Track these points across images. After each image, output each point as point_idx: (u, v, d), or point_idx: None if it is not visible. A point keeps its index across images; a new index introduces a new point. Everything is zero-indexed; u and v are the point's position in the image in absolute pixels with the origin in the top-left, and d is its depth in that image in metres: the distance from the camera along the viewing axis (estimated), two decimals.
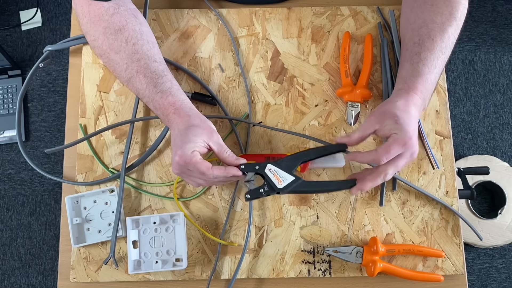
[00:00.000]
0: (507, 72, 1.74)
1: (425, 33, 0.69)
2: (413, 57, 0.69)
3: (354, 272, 0.74)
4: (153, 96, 0.68)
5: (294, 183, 0.66)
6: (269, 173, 0.66)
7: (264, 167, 0.66)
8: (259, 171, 0.66)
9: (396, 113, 0.64)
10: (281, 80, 0.81)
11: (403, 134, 0.62)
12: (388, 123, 0.64)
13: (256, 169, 0.66)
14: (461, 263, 0.74)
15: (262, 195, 0.66)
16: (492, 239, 1.52)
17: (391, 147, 0.62)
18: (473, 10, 1.79)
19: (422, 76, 0.67)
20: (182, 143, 0.64)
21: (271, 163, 0.67)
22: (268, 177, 0.66)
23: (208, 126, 0.67)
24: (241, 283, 0.74)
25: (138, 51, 0.68)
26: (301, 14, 0.84)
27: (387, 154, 0.62)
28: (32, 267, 1.61)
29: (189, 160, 0.63)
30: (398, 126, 0.63)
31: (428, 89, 0.68)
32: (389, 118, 0.64)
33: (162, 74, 0.69)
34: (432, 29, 0.69)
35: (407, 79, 0.68)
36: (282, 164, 0.67)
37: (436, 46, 0.68)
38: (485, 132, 1.69)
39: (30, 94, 1.74)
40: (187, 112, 0.67)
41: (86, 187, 0.77)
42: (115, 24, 0.68)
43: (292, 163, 0.67)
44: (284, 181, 0.66)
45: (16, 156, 1.69)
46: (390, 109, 0.65)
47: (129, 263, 0.71)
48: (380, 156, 0.63)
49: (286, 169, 0.67)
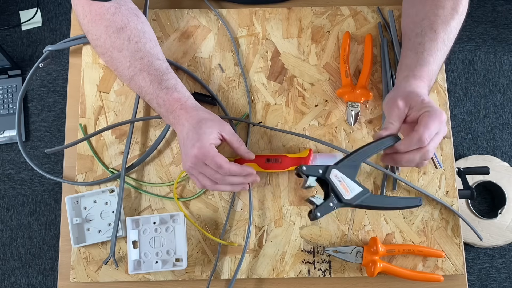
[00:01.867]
0: (507, 72, 1.74)
1: (427, 25, 0.69)
2: (417, 46, 0.68)
3: (354, 272, 0.74)
4: (157, 93, 0.68)
5: (363, 195, 0.58)
6: (336, 180, 0.57)
7: (329, 171, 0.57)
8: (323, 176, 0.57)
9: (419, 93, 0.62)
10: (281, 80, 0.81)
11: (436, 110, 0.60)
12: (415, 104, 0.61)
13: (319, 173, 0.58)
14: (461, 263, 0.74)
15: (332, 209, 0.56)
16: (492, 239, 1.52)
17: (429, 124, 0.59)
18: (473, 10, 1.79)
19: (427, 66, 0.66)
20: (198, 136, 0.64)
21: (336, 167, 0.58)
22: (334, 185, 0.57)
23: (218, 117, 0.68)
24: (241, 283, 0.74)
25: (141, 49, 0.69)
26: (301, 14, 0.84)
27: (428, 131, 0.59)
28: (32, 267, 1.61)
29: (208, 152, 0.63)
30: (427, 103, 0.61)
31: (431, 78, 0.67)
32: (414, 99, 0.62)
33: (166, 72, 0.69)
34: (434, 21, 0.69)
35: (412, 67, 0.67)
36: (344, 167, 0.58)
37: (439, 38, 0.68)
38: (485, 132, 1.69)
39: (30, 94, 1.74)
40: (193, 107, 0.67)
41: (86, 187, 0.77)
42: (117, 23, 0.68)
43: (353, 167, 0.59)
44: (352, 192, 0.57)
45: (16, 156, 1.69)
46: (411, 91, 0.63)
47: (129, 263, 0.71)
48: (423, 135, 0.59)
49: (350, 176, 0.58)
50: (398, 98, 0.63)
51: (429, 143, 0.60)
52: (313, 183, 0.58)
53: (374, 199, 0.59)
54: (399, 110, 0.62)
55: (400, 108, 0.62)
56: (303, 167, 0.58)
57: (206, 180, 0.66)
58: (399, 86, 0.66)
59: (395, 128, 0.62)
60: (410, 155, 0.61)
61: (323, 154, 0.77)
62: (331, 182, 0.57)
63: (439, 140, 0.61)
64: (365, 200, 0.58)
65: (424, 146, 0.60)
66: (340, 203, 0.57)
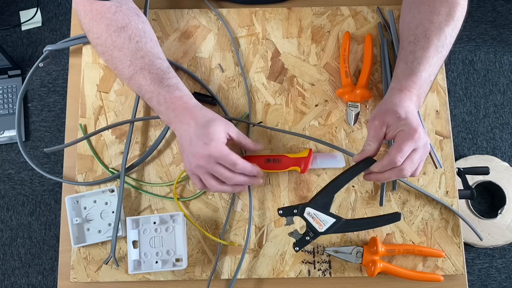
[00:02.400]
0: (507, 72, 1.74)
1: (421, 33, 0.69)
2: (408, 56, 0.69)
3: (354, 272, 0.74)
4: (158, 91, 0.68)
5: (336, 225, 0.66)
6: (309, 218, 0.66)
7: (303, 210, 0.66)
8: (298, 215, 0.67)
9: (395, 110, 0.63)
10: (281, 80, 0.81)
11: (409, 128, 0.61)
12: (391, 122, 0.63)
13: (294, 213, 0.67)
14: (461, 263, 0.74)
15: (309, 242, 0.67)
16: (492, 239, 1.52)
17: (402, 145, 0.61)
18: (473, 10, 1.79)
19: (415, 74, 0.67)
20: (210, 135, 0.64)
21: (309, 206, 0.66)
22: (308, 222, 0.66)
23: (222, 117, 0.68)
24: (241, 283, 0.74)
25: (142, 48, 0.69)
26: (301, 14, 0.84)
27: (400, 153, 0.61)
28: (32, 267, 1.61)
29: (223, 151, 0.64)
30: (402, 122, 0.62)
31: (422, 86, 0.67)
32: (391, 117, 0.63)
33: (168, 71, 0.70)
34: (428, 28, 0.69)
35: (400, 77, 0.68)
36: (318, 203, 0.66)
37: (431, 45, 0.68)
38: (485, 132, 1.69)
39: (30, 94, 1.74)
40: (197, 107, 0.67)
41: (86, 187, 0.77)
42: (118, 22, 0.68)
43: (327, 200, 0.67)
44: (325, 224, 0.66)
45: (16, 156, 1.69)
46: (389, 108, 0.64)
47: (129, 263, 0.71)
48: (395, 157, 0.61)
49: (323, 209, 0.66)
50: (376, 118, 0.65)
51: (404, 162, 0.62)
52: (292, 222, 0.68)
53: (349, 225, 0.67)
54: (376, 130, 0.64)
55: (376, 128, 0.64)
56: (280, 211, 0.67)
57: (211, 180, 0.66)
58: (383, 100, 0.67)
59: (372, 149, 0.65)
60: (386, 174, 0.64)
61: (323, 154, 0.77)
62: (305, 219, 0.67)
63: (418, 156, 0.63)
64: (339, 228, 0.66)
65: (397, 166, 0.62)
66: (316, 235, 0.67)
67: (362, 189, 0.76)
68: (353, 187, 0.76)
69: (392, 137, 0.64)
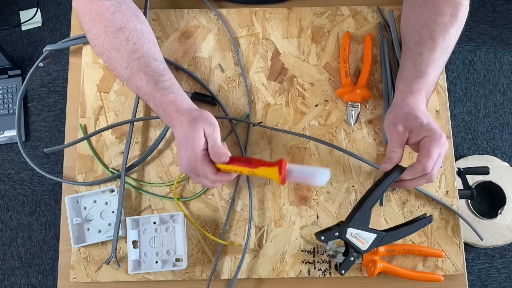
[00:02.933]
0: (507, 72, 1.74)
1: (427, 33, 0.69)
2: (416, 57, 0.69)
3: (354, 272, 0.74)
4: (154, 94, 0.68)
5: (378, 240, 0.66)
6: (352, 238, 0.66)
7: (345, 232, 0.65)
8: (341, 237, 0.66)
9: (416, 115, 0.63)
10: (281, 80, 0.81)
11: (435, 134, 0.62)
12: (415, 127, 0.63)
13: (336, 236, 0.66)
14: (461, 263, 0.74)
15: (354, 262, 0.67)
16: (492, 239, 1.52)
17: (431, 151, 0.61)
18: (473, 10, 1.79)
19: (425, 77, 0.67)
20: (189, 141, 0.64)
21: (350, 226, 0.65)
22: (351, 243, 0.66)
23: (206, 119, 0.64)
24: (241, 283, 0.74)
25: (139, 49, 0.69)
26: (301, 14, 0.84)
27: (431, 159, 0.61)
28: (32, 267, 1.61)
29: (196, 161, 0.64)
30: (426, 127, 0.62)
31: (429, 89, 0.68)
32: (413, 122, 0.63)
33: (163, 73, 0.69)
34: (433, 29, 0.69)
35: (410, 79, 0.68)
36: (357, 221, 0.65)
37: (438, 47, 0.68)
38: (485, 132, 1.69)
39: (30, 94, 1.74)
40: (188, 110, 0.67)
41: (86, 187, 0.77)
42: (116, 23, 0.68)
43: (365, 216, 0.65)
44: (367, 242, 0.66)
45: (16, 156, 1.69)
46: (408, 112, 0.64)
47: (129, 263, 0.71)
48: (426, 165, 0.61)
49: (363, 226, 0.66)
50: (398, 123, 0.64)
51: (433, 167, 0.62)
52: (334, 246, 0.69)
53: (388, 238, 0.67)
54: (400, 136, 0.64)
55: (400, 134, 0.64)
56: (321, 237, 0.66)
57: (201, 179, 0.67)
58: (397, 104, 0.67)
59: (398, 156, 0.65)
60: (415, 181, 0.64)
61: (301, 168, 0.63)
62: (349, 241, 0.66)
63: (442, 159, 0.64)
64: (382, 242, 0.67)
65: (427, 173, 0.62)
66: (359, 254, 0.67)
67: (362, 189, 0.76)
68: (353, 187, 0.76)
69: (414, 142, 0.64)
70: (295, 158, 0.78)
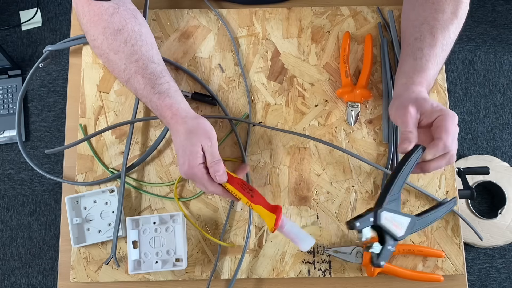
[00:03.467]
0: (507, 72, 1.74)
1: (427, 30, 0.69)
2: (416, 52, 0.69)
3: (354, 272, 0.74)
4: (150, 97, 0.68)
5: (412, 225, 0.61)
6: (388, 223, 0.59)
7: (379, 216, 0.59)
8: (376, 223, 0.59)
9: (426, 98, 0.63)
10: (281, 80, 0.81)
11: (448, 112, 0.61)
12: (426, 109, 0.62)
13: (371, 221, 0.59)
14: (461, 263, 0.74)
15: (392, 251, 0.60)
16: (492, 239, 1.52)
17: (448, 127, 0.60)
18: (473, 10, 1.79)
19: (425, 71, 0.67)
20: (186, 155, 0.65)
21: (385, 210, 0.59)
22: (388, 229, 0.59)
23: (204, 131, 0.65)
24: (241, 283, 0.74)
25: (137, 51, 0.68)
26: (301, 14, 0.84)
27: (451, 135, 0.59)
28: (32, 267, 1.61)
29: (195, 174, 0.65)
30: (437, 107, 0.61)
31: (430, 83, 0.68)
32: (424, 104, 0.62)
33: (160, 75, 0.69)
34: (433, 26, 0.69)
35: (411, 73, 0.67)
36: (390, 204, 0.60)
37: (438, 43, 0.68)
38: (485, 132, 1.69)
39: (30, 94, 1.74)
40: (183, 117, 0.67)
41: (86, 187, 0.77)
42: (114, 24, 0.68)
43: (396, 199, 0.61)
44: (402, 227, 0.60)
45: (16, 156, 1.69)
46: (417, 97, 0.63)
47: (129, 263, 0.71)
48: (447, 141, 0.59)
49: (396, 210, 0.60)
50: (409, 105, 0.62)
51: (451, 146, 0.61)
52: (369, 234, 0.60)
53: (420, 223, 0.62)
54: (413, 117, 0.62)
55: (413, 115, 0.62)
56: (357, 224, 0.59)
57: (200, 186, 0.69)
58: (400, 94, 0.66)
59: (414, 136, 0.62)
60: (437, 162, 0.62)
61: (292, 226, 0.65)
62: (385, 227, 0.59)
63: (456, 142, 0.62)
64: (415, 228, 0.61)
65: (449, 151, 0.61)
66: (396, 241, 0.60)
67: (362, 189, 0.76)
68: (353, 187, 0.76)
69: (426, 124, 0.62)
70: (295, 158, 0.78)
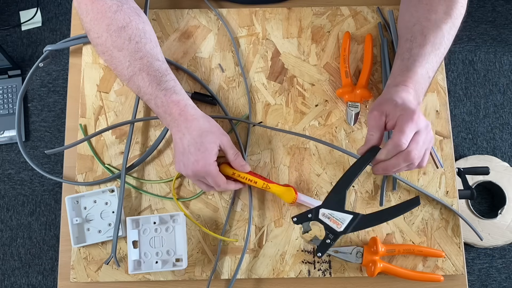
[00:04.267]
0: (507, 72, 1.74)
1: (418, 30, 0.68)
2: (404, 53, 0.68)
3: (354, 272, 0.74)
4: (156, 94, 0.68)
5: (354, 221, 0.64)
6: (325, 219, 0.64)
7: (317, 213, 0.65)
8: (313, 219, 0.65)
9: (392, 98, 0.63)
10: (281, 80, 0.81)
11: (408, 111, 0.61)
12: (390, 110, 0.62)
13: (309, 217, 0.65)
14: (461, 263, 0.74)
15: (331, 245, 0.64)
16: (492, 239, 1.52)
17: (403, 126, 0.60)
18: (473, 10, 1.79)
19: (411, 70, 0.66)
20: (201, 153, 0.66)
21: (323, 207, 0.65)
22: (325, 224, 0.64)
23: (218, 129, 0.69)
24: (241, 283, 0.74)
25: (141, 49, 0.69)
26: (301, 14, 0.84)
27: (403, 134, 0.60)
28: (32, 267, 1.61)
29: (210, 172, 0.67)
30: (399, 107, 0.62)
31: (419, 82, 0.66)
32: (388, 106, 0.63)
33: (166, 73, 0.69)
34: (425, 26, 0.68)
35: (396, 74, 0.67)
36: (331, 202, 0.65)
37: (428, 42, 0.67)
38: (485, 132, 1.69)
39: (30, 94, 1.74)
40: (193, 115, 0.67)
41: (86, 187, 0.77)
42: (118, 22, 0.68)
43: (340, 197, 0.65)
44: (343, 222, 0.64)
45: (16, 156, 1.69)
46: (385, 98, 0.64)
47: (129, 263, 0.71)
48: (398, 140, 0.60)
49: (338, 207, 0.64)
50: (374, 109, 0.64)
51: (409, 144, 0.61)
52: (309, 228, 0.66)
53: (369, 219, 0.64)
54: (375, 120, 0.64)
55: (375, 118, 0.64)
56: (294, 219, 0.66)
57: (202, 185, 0.72)
58: (380, 96, 0.67)
59: (375, 138, 0.64)
60: (393, 161, 0.62)
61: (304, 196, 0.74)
62: (321, 221, 0.64)
63: (423, 137, 0.62)
64: (359, 224, 0.64)
65: (403, 149, 0.61)
66: (337, 236, 0.64)
67: (362, 189, 0.76)
68: (353, 187, 0.76)
69: (392, 126, 0.63)
70: (295, 158, 0.78)
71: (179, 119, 0.67)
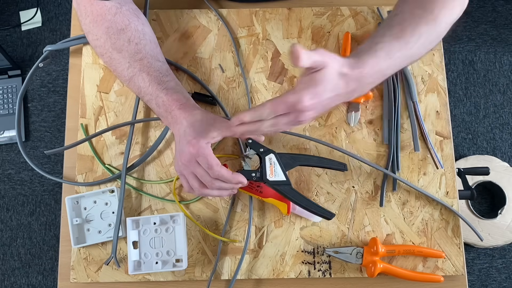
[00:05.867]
0: (507, 72, 1.74)
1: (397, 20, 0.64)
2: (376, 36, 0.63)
3: (354, 272, 0.74)
4: (157, 93, 0.67)
5: (283, 184, 0.68)
6: (268, 162, 0.68)
7: (268, 153, 0.68)
8: (260, 154, 0.68)
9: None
10: (281, 80, 0.81)
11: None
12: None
13: (260, 151, 0.68)
14: (461, 264, 0.74)
15: (252, 178, 0.67)
16: (492, 239, 1.52)
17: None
18: (473, 10, 1.79)
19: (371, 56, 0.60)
20: (195, 134, 0.63)
21: (276, 153, 0.68)
22: (264, 164, 0.68)
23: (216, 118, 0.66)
24: (241, 283, 0.74)
25: (141, 50, 0.69)
26: (301, 14, 0.84)
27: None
28: (32, 267, 1.61)
29: (202, 149, 0.62)
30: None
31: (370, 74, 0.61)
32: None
33: (166, 73, 0.69)
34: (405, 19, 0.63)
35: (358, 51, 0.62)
36: (283, 159, 0.69)
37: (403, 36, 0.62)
38: (485, 132, 1.69)
39: (30, 94, 1.74)
40: (192, 108, 0.67)
41: (86, 188, 0.77)
42: (117, 24, 0.68)
43: (291, 162, 0.69)
44: (276, 177, 0.67)
45: (16, 156, 1.69)
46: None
47: (129, 263, 0.71)
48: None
49: (284, 166, 0.68)
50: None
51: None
52: (251, 155, 0.69)
53: (291, 192, 0.68)
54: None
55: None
56: (250, 141, 0.68)
57: (195, 182, 0.65)
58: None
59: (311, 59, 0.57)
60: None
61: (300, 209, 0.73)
62: (263, 161, 0.68)
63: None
64: (283, 189, 0.68)
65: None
66: (261, 179, 0.68)
67: (362, 190, 0.76)
68: (353, 188, 0.76)
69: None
70: None
71: (178, 112, 0.66)
